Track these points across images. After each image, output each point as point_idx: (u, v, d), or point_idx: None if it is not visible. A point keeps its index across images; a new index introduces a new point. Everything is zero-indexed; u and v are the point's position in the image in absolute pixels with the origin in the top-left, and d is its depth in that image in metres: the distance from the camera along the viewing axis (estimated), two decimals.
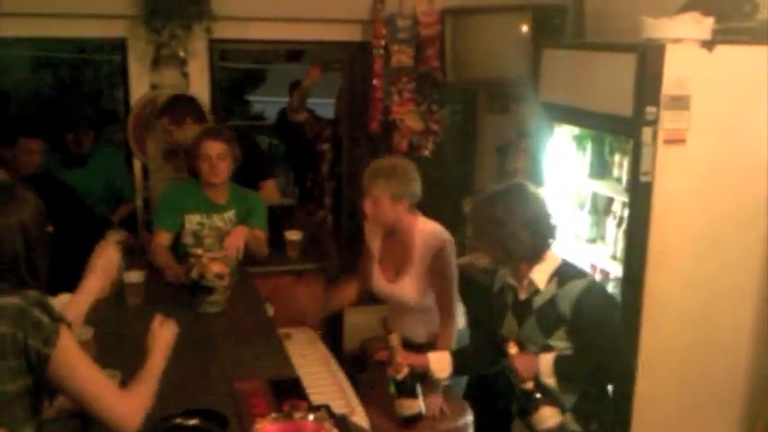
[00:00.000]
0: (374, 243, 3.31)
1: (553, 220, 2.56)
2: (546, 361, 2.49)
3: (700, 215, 2.86)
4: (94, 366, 1.93)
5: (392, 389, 2.81)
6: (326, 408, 2.39)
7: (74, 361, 1.87)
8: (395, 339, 2.79)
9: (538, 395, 2.50)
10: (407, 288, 3.16)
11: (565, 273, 2.52)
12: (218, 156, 3.68)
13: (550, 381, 2.49)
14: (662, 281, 2.86)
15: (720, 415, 3.08)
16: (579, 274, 2.55)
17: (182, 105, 4.21)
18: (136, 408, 1.95)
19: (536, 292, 2.52)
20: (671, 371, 2.94)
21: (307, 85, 5.09)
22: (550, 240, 2.55)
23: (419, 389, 2.83)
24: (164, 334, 2.22)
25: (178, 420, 2.15)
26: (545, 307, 2.50)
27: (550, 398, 2.51)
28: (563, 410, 2.52)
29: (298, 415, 1.88)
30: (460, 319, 3.26)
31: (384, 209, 3.04)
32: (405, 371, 2.77)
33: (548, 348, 2.51)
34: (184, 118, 4.15)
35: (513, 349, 2.54)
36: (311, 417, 1.89)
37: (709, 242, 2.89)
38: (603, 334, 2.45)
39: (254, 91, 13.08)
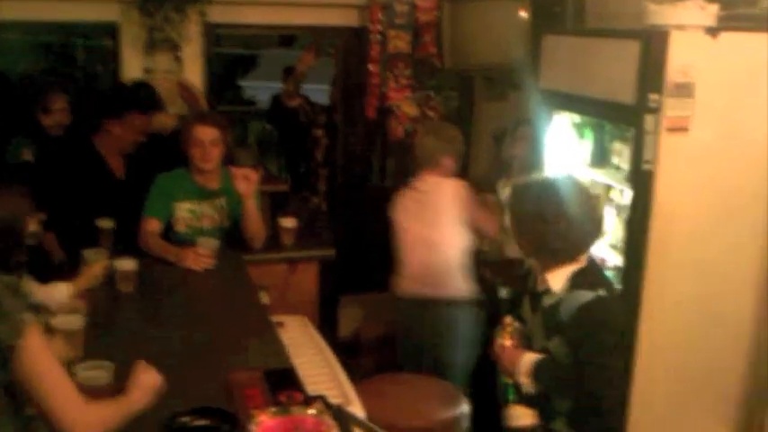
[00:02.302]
0: None
1: (599, 220, 2.48)
2: (527, 361, 2.44)
3: (702, 204, 2.82)
4: (60, 367, 1.87)
5: (510, 396, 2.53)
6: (322, 398, 2.35)
7: (38, 357, 1.81)
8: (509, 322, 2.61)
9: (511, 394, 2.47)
10: None
11: (580, 278, 2.40)
12: (210, 142, 3.63)
13: (526, 381, 2.43)
14: (663, 270, 2.82)
15: (720, 405, 3.05)
16: (594, 283, 2.39)
17: (146, 94, 4.11)
18: (92, 423, 1.86)
19: (548, 290, 2.46)
20: (670, 361, 2.91)
21: (301, 70, 5.04)
22: (592, 243, 2.46)
23: None
24: (146, 379, 2.08)
25: (184, 420, 2.07)
26: (550, 309, 2.44)
27: (528, 398, 2.46)
28: (551, 413, 2.46)
29: (297, 409, 1.83)
30: None
31: None
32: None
33: (545, 350, 2.45)
34: (151, 108, 4.07)
35: (506, 341, 2.49)
36: (310, 411, 1.85)
37: (711, 231, 2.85)
38: (593, 355, 2.30)
39: (246, 76, 12.97)
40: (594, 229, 2.47)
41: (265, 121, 8.15)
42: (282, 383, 2.33)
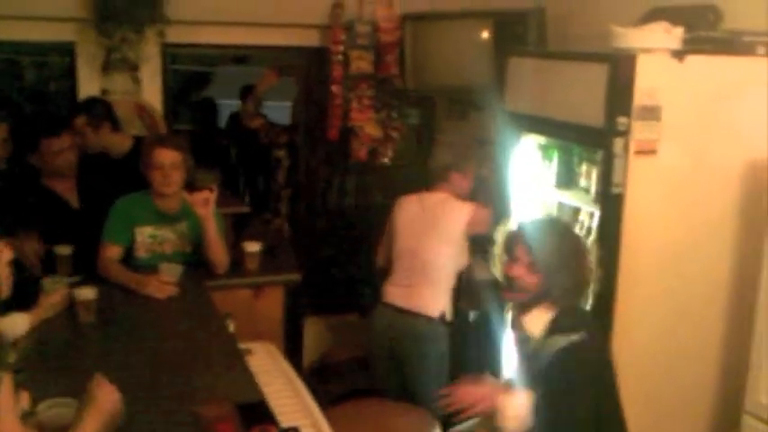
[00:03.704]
0: None
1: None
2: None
3: (670, 226, 2.84)
4: (17, 424, 1.78)
5: None
6: (295, 430, 2.30)
7: (2, 412, 1.72)
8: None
9: None
10: None
11: (560, 324, 2.38)
12: (171, 165, 3.54)
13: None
14: (633, 291, 2.83)
15: (690, 426, 3.06)
16: (572, 327, 2.36)
17: (101, 109, 4.07)
18: None
19: (528, 337, 2.43)
20: (642, 382, 2.91)
21: (262, 89, 5.00)
22: (585, 292, 2.45)
23: None
24: (101, 398, 1.96)
25: None
26: (532, 355, 2.41)
27: None
28: None
29: None
30: None
31: None
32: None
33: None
34: (102, 122, 4.02)
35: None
36: None
37: (680, 252, 2.87)
38: (564, 404, 2.28)
39: (200, 93, 12.85)
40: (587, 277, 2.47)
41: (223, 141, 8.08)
42: (255, 417, 2.27)
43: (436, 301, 3.63)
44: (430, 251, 3.62)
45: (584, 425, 2.31)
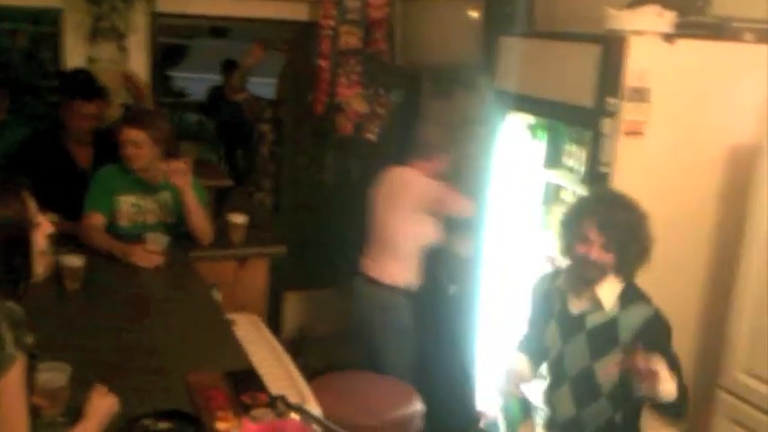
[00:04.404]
0: None
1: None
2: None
3: (655, 207, 2.83)
4: (25, 411, 1.73)
5: (516, 411, 2.65)
6: (283, 398, 2.32)
7: (8, 399, 1.67)
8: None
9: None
10: None
11: (629, 294, 2.45)
12: (134, 143, 3.55)
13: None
14: None
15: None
16: (644, 297, 2.47)
17: (88, 84, 4.07)
18: None
19: (594, 309, 2.45)
20: None
21: (249, 64, 4.97)
22: (645, 260, 2.47)
23: None
24: (102, 403, 1.98)
25: (147, 422, 2.01)
26: (602, 328, 2.44)
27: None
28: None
29: (280, 413, 1.80)
30: None
31: None
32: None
33: (589, 372, 2.44)
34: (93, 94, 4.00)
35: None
36: (294, 415, 1.81)
37: (663, 233, 2.87)
38: (674, 361, 2.35)
39: (176, 67, 12.73)
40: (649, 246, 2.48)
41: (202, 114, 8.04)
42: (245, 384, 2.29)
43: (399, 273, 3.75)
44: (394, 224, 3.74)
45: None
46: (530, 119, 3.45)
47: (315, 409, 2.75)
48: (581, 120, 2.97)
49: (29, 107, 5.33)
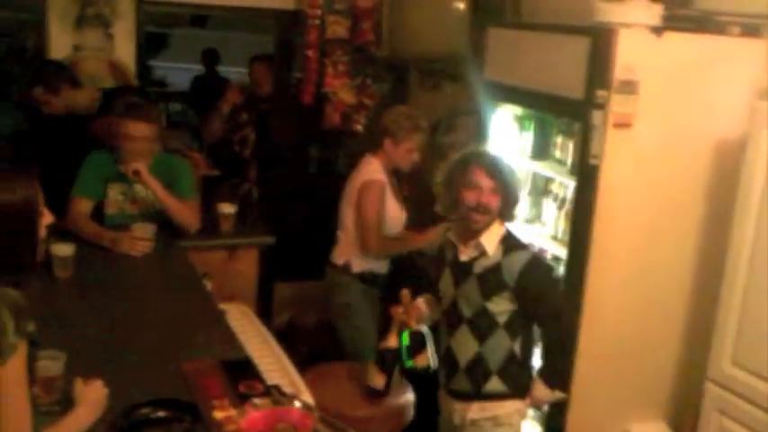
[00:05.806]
0: None
1: None
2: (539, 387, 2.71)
3: (643, 198, 2.91)
4: (26, 400, 1.71)
5: (405, 341, 2.89)
6: (277, 388, 2.34)
7: (9, 388, 1.64)
8: (406, 295, 2.92)
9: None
10: None
11: (510, 241, 2.67)
12: (143, 138, 3.47)
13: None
14: (605, 261, 2.90)
15: (656, 395, 3.17)
16: (523, 244, 2.72)
17: (53, 71, 4.02)
18: None
19: (480, 255, 2.63)
20: (611, 349, 3.00)
21: (226, 109, 4.94)
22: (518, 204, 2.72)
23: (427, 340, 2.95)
24: (90, 390, 1.96)
25: (145, 411, 2.02)
26: (488, 272, 2.62)
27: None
28: (486, 372, 2.67)
29: (282, 401, 1.81)
30: None
31: None
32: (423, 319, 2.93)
33: (483, 310, 2.64)
34: (59, 85, 3.96)
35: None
36: (297, 403, 1.83)
37: (652, 224, 2.94)
38: (547, 302, 2.67)
39: (156, 56, 12.63)
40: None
41: (184, 103, 8.01)
42: (240, 373, 2.31)
43: (342, 252, 3.75)
44: (341, 211, 3.75)
45: (563, 316, 2.73)
46: (517, 110, 3.47)
47: (308, 399, 2.78)
48: (570, 111, 3.00)
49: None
